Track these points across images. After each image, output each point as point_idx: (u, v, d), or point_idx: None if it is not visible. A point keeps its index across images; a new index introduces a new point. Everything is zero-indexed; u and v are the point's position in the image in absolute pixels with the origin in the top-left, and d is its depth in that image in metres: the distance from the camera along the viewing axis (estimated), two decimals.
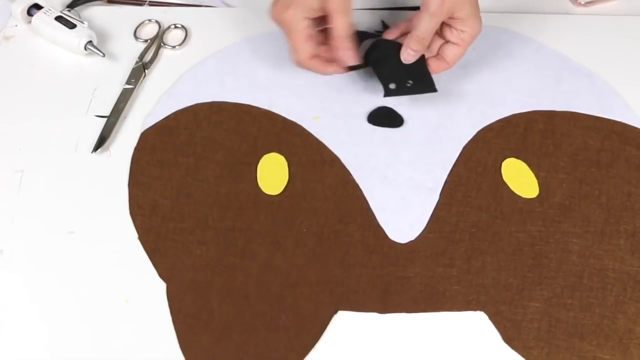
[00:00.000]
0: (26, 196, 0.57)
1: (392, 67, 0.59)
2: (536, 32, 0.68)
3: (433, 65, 0.59)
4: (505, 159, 0.58)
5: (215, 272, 0.53)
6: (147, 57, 0.65)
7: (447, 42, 0.58)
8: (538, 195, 0.56)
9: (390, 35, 0.60)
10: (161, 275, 0.52)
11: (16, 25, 0.68)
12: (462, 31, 0.56)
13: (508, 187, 0.57)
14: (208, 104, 0.62)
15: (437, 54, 0.59)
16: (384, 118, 0.61)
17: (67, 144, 0.60)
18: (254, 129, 0.60)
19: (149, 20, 0.68)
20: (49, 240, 0.54)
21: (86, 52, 0.65)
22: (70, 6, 0.69)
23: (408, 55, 0.57)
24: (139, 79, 0.63)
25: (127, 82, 0.63)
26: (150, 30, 0.68)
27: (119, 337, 0.50)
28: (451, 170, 0.58)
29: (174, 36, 0.67)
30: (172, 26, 0.68)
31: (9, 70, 0.65)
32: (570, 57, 0.66)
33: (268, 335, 0.50)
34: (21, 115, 0.62)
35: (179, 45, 0.66)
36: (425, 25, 0.55)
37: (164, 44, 0.66)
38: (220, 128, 0.60)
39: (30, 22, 0.66)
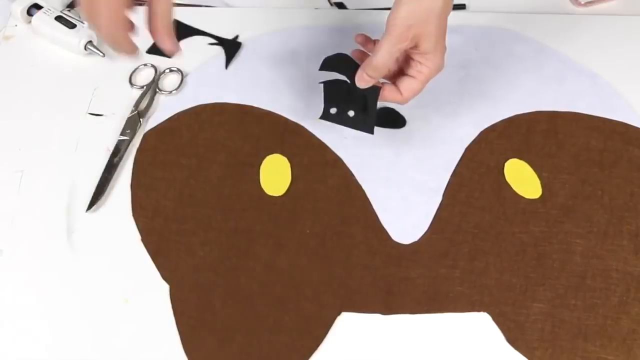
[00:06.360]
0: (26, 196, 0.56)
1: (342, 90, 0.55)
2: (536, 32, 0.68)
3: (387, 93, 0.54)
4: (507, 159, 0.58)
5: (218, 274, 0.52)
6: (143, 105, 0.61)
7: (405, 74, 0.53)
8: (541, 196, 0.56)
9: (359, 38, 0.56)
10: (164, 276, 0.52)
11: (16, 25, 0.68)
12: (420, 64, 0.51)
13: (511, 188, 0.57)
14: (210, 105, 0.61)
15: (395, 83, 0.54)
16: (386, 119, 0.61)
17: (67, 143, 0.59)
18: (256, 130, 0.60)
19: (145, 65, 0.64)
20: (49, 240, 0.54)
21: (86, 52, 0.65)
22: (70, 6, 0.69)
23: (362, 80, 0.52)
24: (134, 130, 0.59)
25: (122, 133, 0.59)
26: (146, 76, 0.64)
27: (121, 339, 0.50)
28: (454, 171, 0.58)
29: (170, 81, 0.63)
30: (168, 70, 0.64)
31: (9, 70, 0.65)
32: (572, 57, 0.66)
33: (271, 336, 0.50)
34: (21, 115, 0.61)
35: (175, 90, 0.62)
36: (385, 50, 0.50)
37: (160, 90, 0.62)
38: (223, 129, 0.60)
39: (30, 22, 0.66)
